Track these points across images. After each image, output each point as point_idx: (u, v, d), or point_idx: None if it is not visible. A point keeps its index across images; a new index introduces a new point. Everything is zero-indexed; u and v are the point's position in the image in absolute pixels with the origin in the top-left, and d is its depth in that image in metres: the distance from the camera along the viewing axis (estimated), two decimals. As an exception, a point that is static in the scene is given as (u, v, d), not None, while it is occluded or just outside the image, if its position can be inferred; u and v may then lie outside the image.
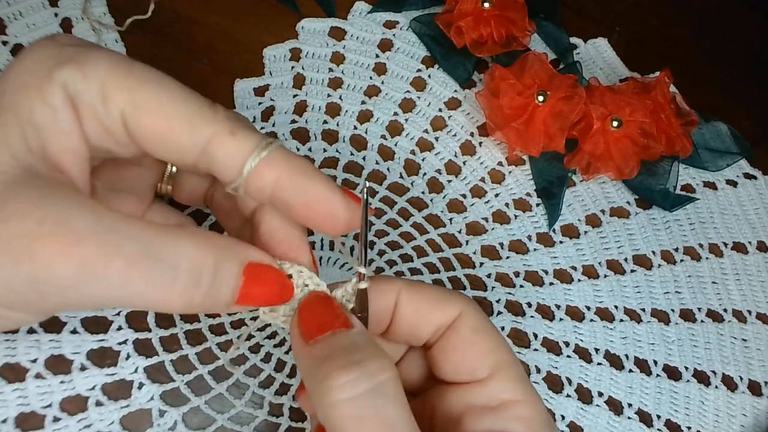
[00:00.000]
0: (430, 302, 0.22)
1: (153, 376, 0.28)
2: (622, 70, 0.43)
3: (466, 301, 0.22)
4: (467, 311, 0.22)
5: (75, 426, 0.26)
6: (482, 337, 0.21)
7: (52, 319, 0.28)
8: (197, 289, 0.19)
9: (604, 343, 0.33)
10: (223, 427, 0.27)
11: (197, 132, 0.19)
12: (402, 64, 0.39)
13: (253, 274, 0.20)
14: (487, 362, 0.21)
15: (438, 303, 0.22)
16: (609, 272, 0.35)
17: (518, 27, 0.39)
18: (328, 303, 0.21)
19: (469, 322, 0.21)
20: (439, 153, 0.37)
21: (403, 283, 0.22)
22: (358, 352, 0.18)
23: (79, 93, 0.19)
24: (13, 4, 0.35)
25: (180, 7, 0.38)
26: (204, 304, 0.19)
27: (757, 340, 0.35)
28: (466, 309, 0.22)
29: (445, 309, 0.22)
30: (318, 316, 0.20)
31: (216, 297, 0.19)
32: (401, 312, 0.22)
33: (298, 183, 0.20)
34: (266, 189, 0.20)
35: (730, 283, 0.36)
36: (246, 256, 0.20)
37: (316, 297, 0.21)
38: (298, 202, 0.20)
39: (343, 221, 0.21)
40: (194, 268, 0.18)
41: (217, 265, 0.19)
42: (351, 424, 0.17)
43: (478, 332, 0.21)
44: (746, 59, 0.46)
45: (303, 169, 0.20)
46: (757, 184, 0.40)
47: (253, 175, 0.20)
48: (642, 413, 0.32)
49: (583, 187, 0.38)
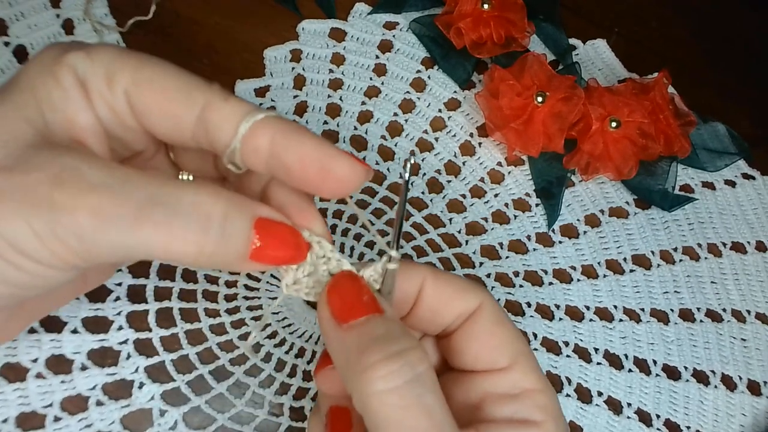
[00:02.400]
0: (454, 291, 0.22)
1: (153, 375, 0.28)
2: (620, 71, 0.43)
3: (486, 292, 0.23)
4: (487, 302, 0.22)
5: (76, 426, 0.26)
6: (502, 328, 0.22)
7: (52, 318, 0.28)
8: (207, 237, 0.19)
9: (603, 343, 0.33)
10: (223, 426, 0.27)
11: (192, 100, 0.20)
12: (402, 65, 0.39)
13: (265, 228, 0.20)
14: (507, 352, 0.22)
15: (461, 292, 0.22)
16: (608, 272, 0.35)
17: (517, 28, 0.39)
18: (360, 285, 0.21)
19: (489, 313, 0.22)
20: (439, 153, 0.37)
21: (429, 270, 0.22)
22: (397, 342, 0.19)
23: (88, 76, 0.20)
24: (15, 5, 0.36)
25: (180, 8, 0.38)
26: (216, 253, 0.19)
27: (756, 340, 0.35)
28: (486, 300, 0.22)
29: (467, 299, 0.22)
30: (350, 297, 0.20)
31: (227, 247, 0.19)
32: (425, 298, 0.22)
33: (293, 140, 0.20)
34: (262, 150, 0.20)
35: (729, 283, 0.36)
36: (256, 210, 0.20)
37: (347, 277, 0.21)
38: (293, 158, 0.20)
39: (341, 176, 0.20)
40: (203, 216, 0.19)
41: (226, 214, 0.19)
42: (395, 413, 0.18)
43: (497, 323, 0.22)
44: (745, 60, 0.46)
45: (297, 127, 0.21)
46: (756, 184, 0.40)
47: (248, 136, 0.20)
48: (641, 413, 0.32)
49: (582, 187, 0.38)
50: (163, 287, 0.29)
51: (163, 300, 0.29)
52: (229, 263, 0.20)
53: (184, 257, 0.19)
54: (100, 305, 0.28)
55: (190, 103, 0.20)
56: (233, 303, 0.30)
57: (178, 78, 0.21)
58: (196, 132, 0.21)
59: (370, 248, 0.33)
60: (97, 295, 0.29)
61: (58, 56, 0.20)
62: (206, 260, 0.19)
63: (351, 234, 0.33)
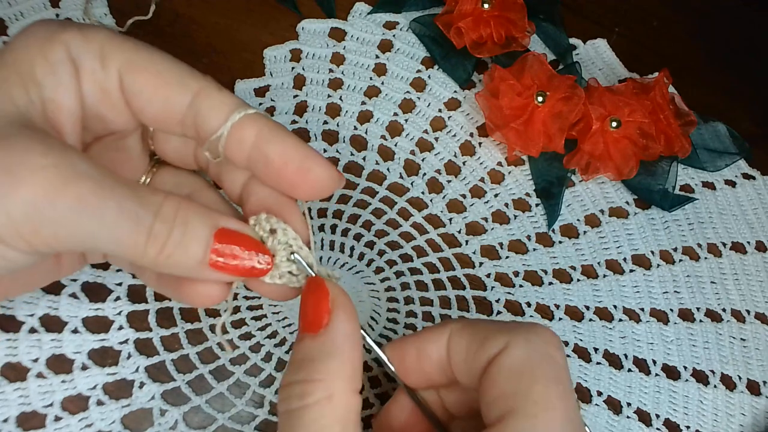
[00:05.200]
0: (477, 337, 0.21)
1: (154, 375, 0.28)
2: (621, 71, 0.43)
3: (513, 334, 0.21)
4: (512, 343, 0.20)
5: (76, 425, 0.26)
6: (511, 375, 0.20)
7: (53, 318, 0.28)
8: (169, 240, 0.20)
9: (603, 343, 0.33)
10: (223, 426, 0.27)
11: (186, 86, 0.21)
12: (402, 64, 0.39)
13: (226, 237, 0.21)
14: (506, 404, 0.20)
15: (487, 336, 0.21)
16: (608, 272, 0.35)
17: (518, 28, 0.39)
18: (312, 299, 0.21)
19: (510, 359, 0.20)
20: (439, 153, 0.37)
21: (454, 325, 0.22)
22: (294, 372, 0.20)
23: (81, 53, 0.20)
24: (15, 5, 0.36)
25: (180, 8, 0.38)
26: (174, 257, 0.20)
27: (755, 340, 0.35)
28: (512, 342, 0.20)
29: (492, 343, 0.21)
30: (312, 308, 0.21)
31: (186, 251, 0.20)
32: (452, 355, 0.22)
33: (278, 137, 0.21)
34: (246, 142, 0.21)
35: (729, 283, 0.36)
36: (219, 221, 0.21)
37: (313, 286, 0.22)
38: (276, 154, 0.21)
39: (318, 177, 0.21)
40: (168, 219, 0.19)
41: (187, 221, 0.20)
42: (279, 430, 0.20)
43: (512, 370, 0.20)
44: (745, 60, 0.46)
45: (282, 128, 0.22)
46: (756, 184, 0.40)
47: (237, 125, 0.21)
48: (641, 412, 0.32)
49: (582, 187, 0.38)
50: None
51: (164, 300, 0.29)
52: (189, 268, 0.20)
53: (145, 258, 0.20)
54: (100, 305, 0.28)
55: (184, 88, 0.21)
56: (233, 303, 0.30)
57: (173, 63, 0.21)
58: (186, 117, 0.21)
59: (370, 248, 0.33)
60: (98, 295, 0.29)
61: (52, 34, 0.20)
62: (165, 260, 0.20)
63: (351, 234, 0.33)
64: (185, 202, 0.20)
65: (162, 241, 0.19)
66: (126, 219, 0.19)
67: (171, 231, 0.19)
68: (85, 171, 0.18)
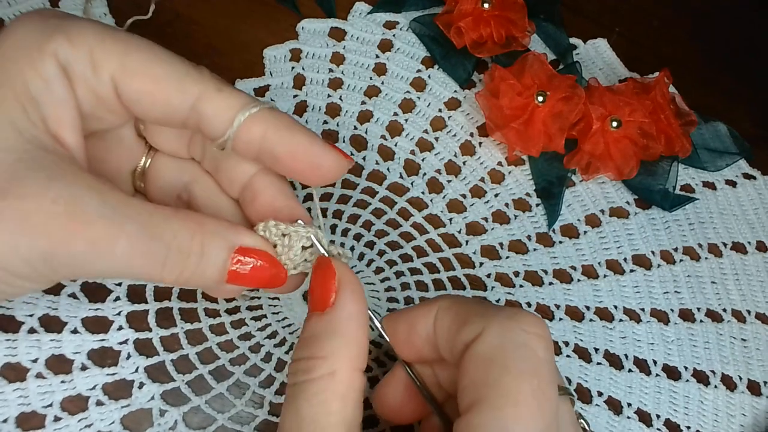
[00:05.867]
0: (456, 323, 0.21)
1: (153, 375, 0.28)
2: (621, 71, 0.43)
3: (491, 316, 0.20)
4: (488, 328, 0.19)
5: (76, 425, 0.26)
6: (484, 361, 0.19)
7: (52, 318, 0.28)
8: (185, 268, 0.20)
9: (603, 343, 0.33)
10: (223, 426, 0.27)
11: (186, 90, 0.21)
12: (402, 64, 0.39)
13: (243, 255, 0.21)
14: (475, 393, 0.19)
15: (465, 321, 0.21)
16: (608, 272, 0.35)
17: (518, 27, 0.39)
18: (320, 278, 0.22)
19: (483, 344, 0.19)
20: (439, 153, 0.37)
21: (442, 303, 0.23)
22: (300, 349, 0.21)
23: (70, 61, 0.20)
24: (14, 4, 0.35)
25: (180, 8, 0.38)
26: (192, 280, 0.21)
27: (756, 340, 0.35)
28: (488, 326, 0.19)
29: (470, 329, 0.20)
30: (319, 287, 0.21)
31: (203, 275, 0.21)
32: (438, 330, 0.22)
33: (285, 135, 0.22)
34: (254, 142, 0.22)
35: (730, 283, 0.36)
36: (235, 241, 0.21)
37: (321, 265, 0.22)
38: (284, 153, 0.22)
39: (328, 169, 0.22)
40: (183, 249, 0.20)
41: (204, 246, 0.20)
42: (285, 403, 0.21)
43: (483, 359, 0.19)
44: (746, 59, 0.46)
45: (289, 123, 0.22)
46: (756, 184, 0.40)
47: (242, 128, 0.21)
48: (641, 413, 0.32)
49: (582, 187, 0.38)
50: (163, 287, 0.29)
51: (163, 300, 0.29)
52: (207, 287, 0.22)
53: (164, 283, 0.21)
54: (100, 305, 0.28)
55: (183, 92, 0.21)
56: (233, 303, 0.30)
57: (169, 64, 0.21)
58: (189, 119, 0.21)
59: (370, 248, 0.33)
60: (97, 295, 0.29)
61: (41, 45, 0.20)
62: (183, 284, 0.21)
63: (351, 234, 0.33)
64: (200, 224, 0.21)
65: (178, 270, 0.20)
66: (137, 256, 0.19)
67: (187, 259, 0.20)
68: (96, 212, 0.19)
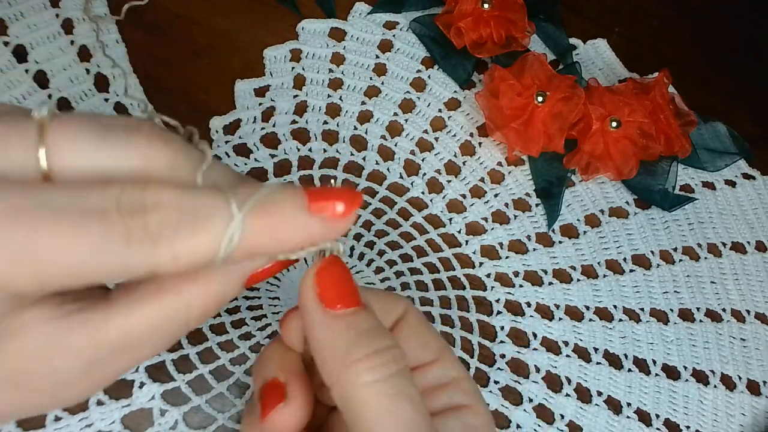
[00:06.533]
0: (384, 303, 0.23)
1: (154, 375, 0.28)
2: (621, 71, 0.43)
3: (406, 299, 0.25)
4: (410, 307, 0.24)
5: (76, 425, 0.26)
6: (425, 327, 0.24)
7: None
8: None
9: (603, 343, 0.33)
10: (223, 426, 0.27)
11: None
12: (402, 64, 0.39)
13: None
14: (433, 347, 0.23)
15: (390, 303, 0.24)
16: (608, 272, 0.35)
17: (518, 28, 0.39)
18: (349, 274, 0.21)
19: (413, 316, 0.24)
20: (439, 153, 0.37)
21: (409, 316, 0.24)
22: (382, 338, 0.20)
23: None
24: (15, 4, 0.35)
25: (180, 8, 0.38)
26: None
27: (755, 340, 0.35)
28: (408, 305, 0.24)
29: (396, 307, 0.24)
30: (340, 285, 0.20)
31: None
32: None
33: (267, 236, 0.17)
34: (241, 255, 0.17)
35: (729, 283, 0.36)
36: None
37: (338, 263, 0.20)
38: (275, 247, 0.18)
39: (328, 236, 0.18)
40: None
41: None
42: (383, 402, 0.19)
43: (422, 323, 0.24)
44: (745, 60, 0.46)
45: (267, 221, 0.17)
46: (756, 184, 0.40)
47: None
48: (641, 412, 0.32)
49: (582, 187, 0.38)
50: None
51: (164, 300, 0.29)
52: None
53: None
54: (100, 305, 0.28)
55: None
56: (233, 303, 0.30)
57: None
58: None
59: (369, 248, 0.33)
60: (98, 295, 0.29)
61: None
62: None
63: (351, 234, 0.33)
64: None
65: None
66: None
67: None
68: None
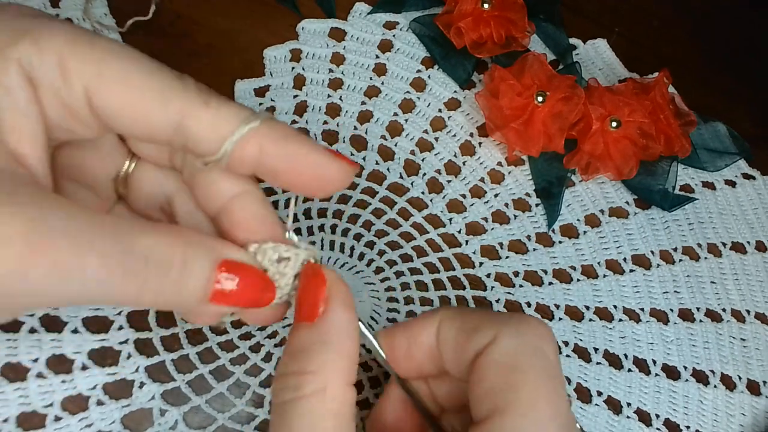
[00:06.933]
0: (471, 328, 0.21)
1: (154, 375, 0.28)
2: (621, 71, 0.43)
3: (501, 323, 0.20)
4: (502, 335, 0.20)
5: (76, 425, 0.26)
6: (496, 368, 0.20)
7: (53, 318, 0.28)
8: (165, 284, 0.18)
9: (603, 343, 0.33)
10: (223, 426, 0.27)
11: (168, 105, 0.19)
12: (402, 64, 0.39)
13: (228, 271, 0.19)
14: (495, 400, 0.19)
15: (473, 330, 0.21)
16: (608, 272, 0.35)
17: (518, 28, 0.39)
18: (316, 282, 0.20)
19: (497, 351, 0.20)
20: (439, 153, 0.37)
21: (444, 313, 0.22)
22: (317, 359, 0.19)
23: (36, 69, 0.18)
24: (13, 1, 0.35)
25: (180, 8, 0.38)
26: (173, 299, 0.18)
27: (755, 340, 0.35)
28: (501, 333, 0.20)
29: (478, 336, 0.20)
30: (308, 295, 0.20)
31: (185, 292, 0.18)
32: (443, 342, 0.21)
33: (284, 147, 0.19)
34: (250, 157, 0.20)
35: (729, 283, 0.36)
36: (221, 253, 0.19)
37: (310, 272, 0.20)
38: (285, 167, 0.20)
39: (333, 179, 0.20)
40: (163, 262, 0.18)
41: (186, 259, 0.18)
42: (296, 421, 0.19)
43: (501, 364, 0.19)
44: (745, 60, 0.46)
45: (287, 133, 0.20)
46: (756, 184, 0.40)
47: (235, 149, 0.19)
48: (641, 412, 0.32)
49: (582, 187, 0.38)
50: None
51: (164, 300, 0.29)
52: (188, 308, 0.19)
53: (142, 304, 0.18)
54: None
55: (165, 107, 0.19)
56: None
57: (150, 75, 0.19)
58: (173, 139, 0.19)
59: (370, 248, 0.33)
60: (98, 295, 0.29)
61: (3, 50, 0.18)
62: (163, 304, 0.18)
63: (351, 234, 0.33)
64: (181, 236, 0.18)
65: (158, 287, 0.18)
66: (112, 274, 0.17)
67: (168, 274, 0.18)
68: (60, 228, 0.16)
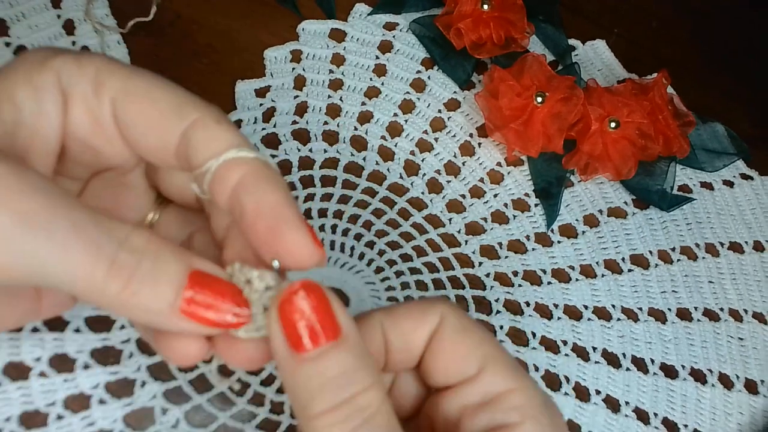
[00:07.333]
0: (412, 319, 0.21)
1: (156, 374, 0.28)
2: (620, 72, 0.43)
3: (445, 304, 0.21)
4: (447, 314, 0.21)
5: (78, 424, 0.26)
6: (465, 335, 0.21)
7: (55, 318, 0.28)
8: (135, 275, 0.17)
9: (601, 342, 0.33)
10: (224, 425, 0.28)
11: (183, 118, 0.19)
12: (402, 65, 0.40)
13: (200, 282, 0.18)
14: (474, 358, 0.20)
15: (419, 316, 0.21)
16: (606, 272, 0.36)
17: (517, 28, 0.39)
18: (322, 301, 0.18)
19: (450, 324, 0.21)
20: (439, 154, 0.37)
21: (382, 313, 0.21)
22: (348, 384, 0.18)
23: (73, 79, 0.19)
24: (16, 5, 0.36)
25: (181, 8, 0.38)
26: (140, 295, 0.17)
27: (753, 339, 0.35)
28: (445, 312, 0.21)
29: (427, 320, 0.21)
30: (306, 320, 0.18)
31: (154, 290, 0.17)
32: (390, 341, 0.21)
33: (260, 186, 0.19)
34: (228, 185, 0.19)
35: (727, 283, 0.36)
36: (193, 262, 0.18)
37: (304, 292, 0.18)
38: (250, 207, 0.19)
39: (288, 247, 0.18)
40: (136, 248, 0.17)
41: (158, 255, 0.17)
42: None
43: (460, 332, 0.21)
44: (745, 60, 0.47)
45: (270, 180, 0.19)
46: (754, 184, 0.40)
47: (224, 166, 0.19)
48: (639, 411, 0.32)
49: (581, 187, 0.38)
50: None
51: (165, 299, 0.29)
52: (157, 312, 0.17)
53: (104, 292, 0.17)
54: (102, 304, 0.29)
55: (180, 119, 0.19)
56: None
57: (173, 92, 0.20)
58: (179, 147, 0.20)
59: (370, 248, 0.33)
60: (100, 295, 0.29)
61: (44, 59, 0.19)
62: (129, 299, 0.17)
63: (351, 234, 0.34)
64: (157, 236, 0.18)
65: (127, 275, 0.17)
66: (82, 242, 0.16)
67: (139, 263, 0.17)
68: (36, 184, 0.16)
